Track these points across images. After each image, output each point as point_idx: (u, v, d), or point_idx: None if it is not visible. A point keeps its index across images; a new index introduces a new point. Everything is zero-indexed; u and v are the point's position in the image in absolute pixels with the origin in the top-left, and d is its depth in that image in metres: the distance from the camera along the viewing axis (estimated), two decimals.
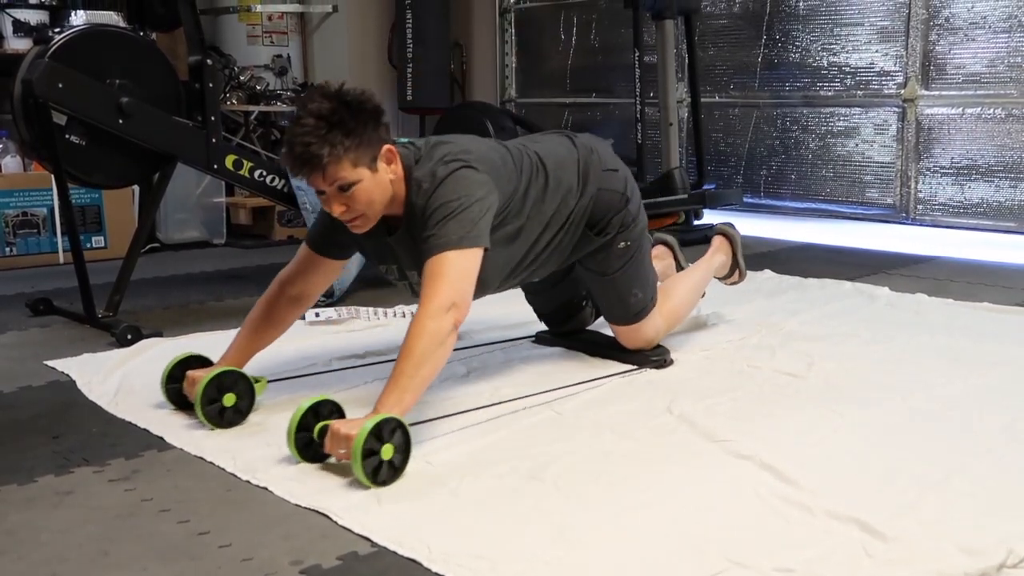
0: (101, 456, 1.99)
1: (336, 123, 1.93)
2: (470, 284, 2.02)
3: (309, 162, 1.95)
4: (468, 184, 2.05)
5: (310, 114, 1.94)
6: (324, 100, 1.95)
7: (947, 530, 1.56)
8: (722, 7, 5.59)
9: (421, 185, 2.06)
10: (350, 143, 1.95)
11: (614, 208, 2.41)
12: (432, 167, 2.07)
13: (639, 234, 2.49)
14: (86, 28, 3.24)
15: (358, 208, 2.03)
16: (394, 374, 1.89)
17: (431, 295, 1.95)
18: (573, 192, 2.34)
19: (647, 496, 1.74)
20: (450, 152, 2.10)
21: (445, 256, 1.98)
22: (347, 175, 1.98)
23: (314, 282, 2.29)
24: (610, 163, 2.46)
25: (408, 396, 1.89)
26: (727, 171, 5.66)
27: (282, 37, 5.84)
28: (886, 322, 3.04)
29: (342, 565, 1.52)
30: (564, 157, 2.36)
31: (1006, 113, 4.60)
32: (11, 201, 4.30)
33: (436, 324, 1.92)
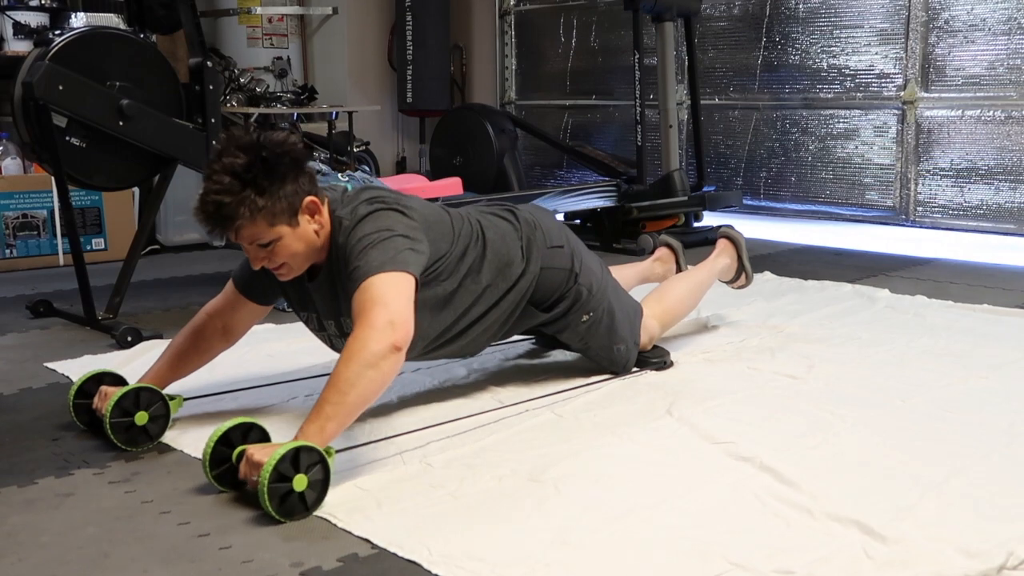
0: (101, 458, 1.99)
1: (250, 181, 1.83)
2: (407, 303, 1.86)
3: (221, 223, 1.86)
4: (391, 221, 1.95)
5: (224, 170, 1.84)
6: (239, 153, 1.84)
7: (947, 532, 1.56)
8: (722, 9, 5.60)
9: (342, 222, 1.96)
10: (264, 202, 1.85)
11: (561, 285, 2.31)
12: (354, 207, 1.98)
13: (599, 301, 2.37)
14: (86, 30, 3.24)
15: (279, 260, 1.95)
16: (322, 398, 1.74)
17: (364, 319, 1.80)
18: (515, 265, 2.23)
19: (647, 498, 1.74)
20: (377, 196, 2.01)
21: (371, 282, 1.84)
22: (263, 234, 1.89)
23: (239, 320, 2.19)
24: (555, 239, 2.33)
25: (331, 425, 1.73)
26: (727, 173, 5.66)
27: (282, 39, 5.85)
28: (886, 324, 3.04)
29: (342, 567, 1.52)
30: (505, 231, 2.25)
31: (1006, 115, 4.60)
32: (11, 203, 4.30)
33: (367, 347, 1.76)
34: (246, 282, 2.16)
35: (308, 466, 1.67)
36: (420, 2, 6.16)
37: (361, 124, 5.97)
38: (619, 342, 2.46)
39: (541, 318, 2.34)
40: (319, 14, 6.20)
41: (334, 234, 1.98)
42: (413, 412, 2.22)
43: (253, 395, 2.37)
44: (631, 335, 2.49)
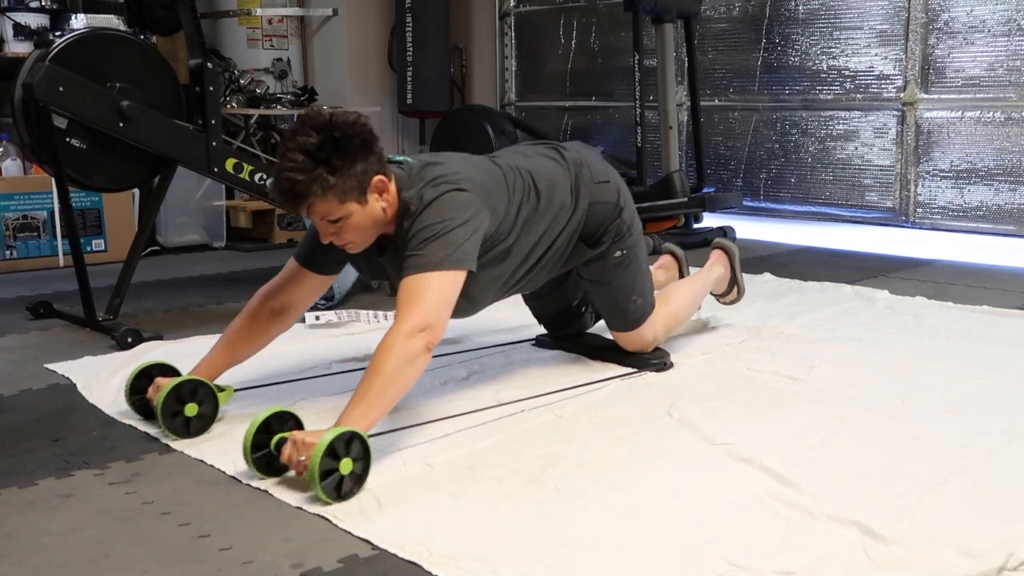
0: (102, 459, 1.99)
1: (323, 160, 1.90)
2: (448, 307, 1.98)
3: (295, 199, 1.93)
4: (454, 207, 2.02)
5: (297, 148, 1.90)
6: (312, 133, 1.91)
7: (947, 533, 1.56)
8: (722, 11, 5.60)
9: (408, 207, 2.04)
10: (336, 180, 1.92)
11: (608, 219, 2.40)
12: (420, 189, 2.04)
13: (634, 242, 2.47)
14: (86, 32, 3.24)
15: (347, 237, 2.03)
16: (361, 388, 1.83)
17: (406, 315, 1.91)
18: (566, 209, 2.33)
19: (647, 499, 1.74)
20: (440, 175, 2.07)
21: (425, 276, 1.95)
22: (334, 211, 1.96)
23: (299, 296, 2.23)
24: (601, 175, 2.43)
25: (374, 412, 1.83)
26: (727, 174, 5.66)
27: (282, 40, 5.85)
28: (886, 325, 3.04)
29: (343, 568, 1.52)
30: (556, 175, 2.33)
31: (1005, 116, 4.60)
32: (11, 204, 4.30)
33: (407, 344, 1.87)
34: (309, 255, 2.21)
35: (353, 451, 1.75)
36: (420, 3, 6.16)
37: None
38: (638, 294, 2.51)
39: (588, 254, 2.43)
40: (319, 15, 6.20)
41: (401, 215, 2.05)
42: (414, 412, 2.22)
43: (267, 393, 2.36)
44: (648, 296, 2.54)
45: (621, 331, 2.56)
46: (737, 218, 5.22)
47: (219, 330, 3.02)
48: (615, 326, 2.57)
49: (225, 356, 2.21)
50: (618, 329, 2.57)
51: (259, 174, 3.49)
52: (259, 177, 3.48)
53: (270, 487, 1.82)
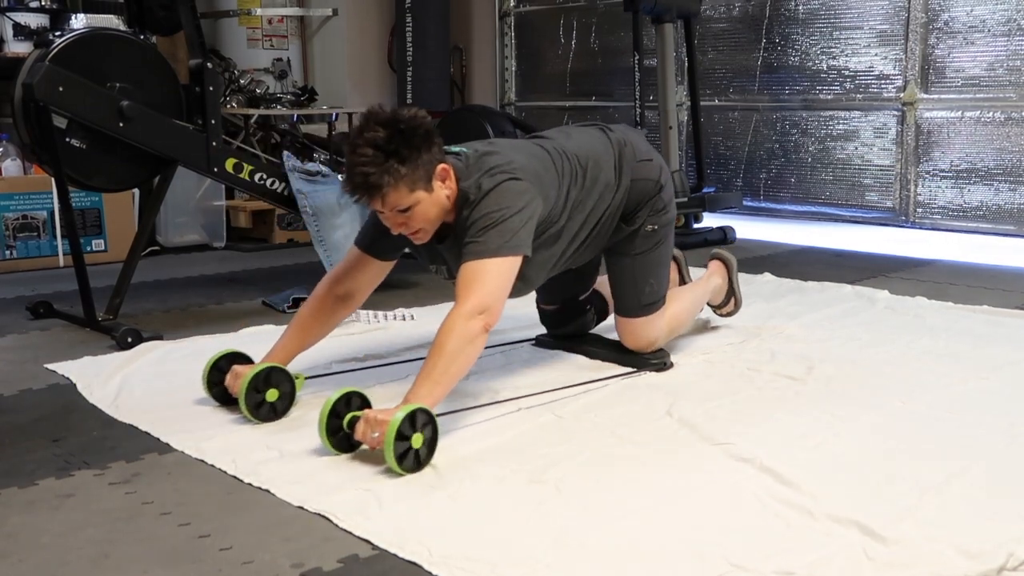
0: (102, 459, 1.99)
1: (392, 152, 2.00)
2: (504, 291, 2.09)
3: (369, 191, 2.03)
4: (510, 195, 2.12)
5: (366, 143, 2.01)
6: (379, 128, 2.01)
7: (947, 533, 1.56)
8: (721, 11, 5.60)
9: (468, 196, 2.13)
10: (406, 170, 2.02)
11: (648, 195, 2.50)
12: (478, 179, 2.14)
13: (666, 223, 2.55)
14: (86, 32, 3.24)
15: (415, 226, 2.12)
16: (426, 368, 1.96)
17: (465, 297, 2.02)
18: (610, 187, 2.43)
19: (647, 499, 1.74)
20: (496, 164, 2.17)
21: (483, 263, 2.06)
22: (405, 200, 2.05)
23: (362, 281, 2.34)
24: (644, 154, 2.54)
25: (439, 389, 1.96)
26: (727, 174, 5.66)
27: (282, 41, 5.85)
28: (886, 325, 3.04)
29: (343, 568, 1.52)
30: (600, 154, 2.44)
31: (1005, 116, 4.60)
32: (11, 204, 4.30)
33: (467, 325, 1.99)
34: (371, 242, 2.32)
35: (423, 425, 1.87)
36: (420, 3, 6.17)
37: None
38: (655, 277, 2.56)
39: (625, 231, 2.51)
40: (319, 15, 6.21)
41: (460, 204, 2.15)
42: None
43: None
44: (662, 288, 2.59)
45: (628, 315, 2.57)
46: (737, 218, 5.22)
47: (219, 330, 3.05)
48: (624, 308, 2.58)
49: (296, 342, 2.31)
50: (626, 313, 2.57)
51: (259, 174, 3.49)
52: (259, 177, 3.48)
53: (271, 486, 1.82)
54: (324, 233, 3.50)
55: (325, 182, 3.61)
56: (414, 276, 3.92)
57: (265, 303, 3.50)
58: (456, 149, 2.23)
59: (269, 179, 3.51)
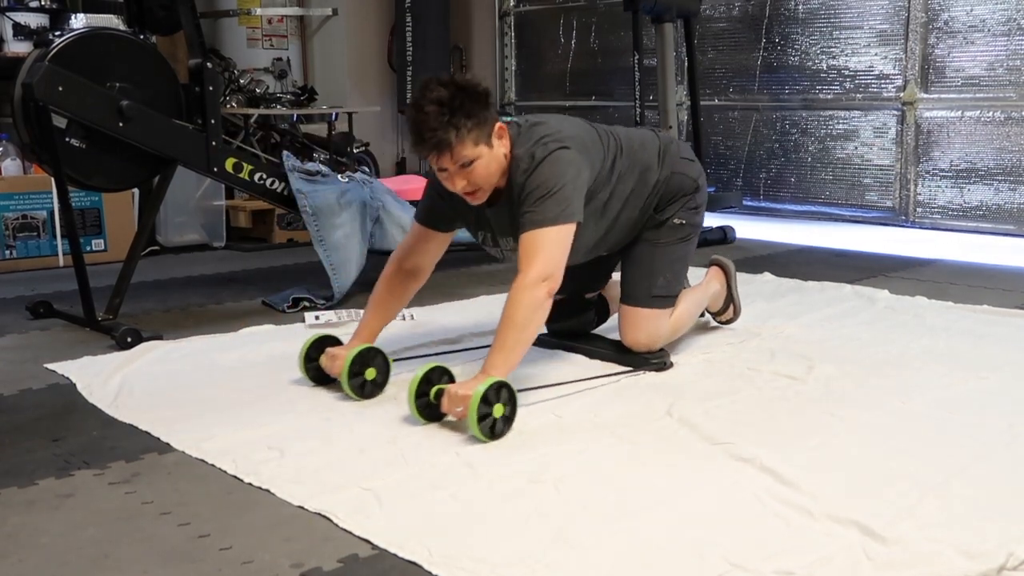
0: (102, 459, 1.99)
1: (457, 108, 2.12)
2: (563, 256, 2.23)
3: (438, 146, 2.14)
4: (563, 165, 2.24)
5: (431, 102, 2.12)
6: (441, 88, 2.14)
7: (947, 533, 1.56)
8: (721, 11, 5.60)
9: (520, 164, 2.25)
10: (472, 124, 2.14)
11: (684, 190, 2.60)
12: (531, 148, 2.25)
13: (694, 223, 2.64)
14: (86, 31, 3.24)
15: (477, 182, 2.22)
16: (499, 339, 2.13)
17: (528, 267, 2.17)
18: (652, 170, 2.53)
19: (647, 499, 1.74)
20: (547, 134, 2.28)
21: (542, 232, 2.20)
22: (469, 153, 2.17)
23: (427, 254, 2.48)
24: (688, 154, 2.69)
25: (513, 356, 2.14)
26: (727, 174, 5.66)
27: (282, 40, 5.85)
28: (886, 325, 3.04)
29: (343, 568, 1.52)
30: (646, 139, 2.58)
31: (1005, 116, 4.61)
32: (11, 204, 4.30)
33: (533, 293, 2.14)
34: (429, 217, 2.47)
35: (503, 397, 2.05)
36: (420, 3, 6.17)
37: (361, 125, 5.98)
38: (671, 272, 2.60)
39: (656, 219, 2.60)
40: (319, 15, 6.21)
41: (513, 170, 2.27)
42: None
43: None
44: (675, 286, 2.64)
45: (636, 304, 2.58)
46: (737, 217, 5.22)
47: (219, 330, 3.05)
48: (633, 296, 2.59)
49: (377, 320, 2.47)
50: (634, 301, 2.58)
51: (258, 174, 3.49)
52: (258, 177, 3.48)
53: (271, 486, 1.82)
54: (324, 233, 3.50)
55: (325, 182, 3.61)
56: None
57: (265, 303, 3.50)
58: (507, 119, 2.34)
59: (269, 179, 3.51)
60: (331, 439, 2.06)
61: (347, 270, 3.50)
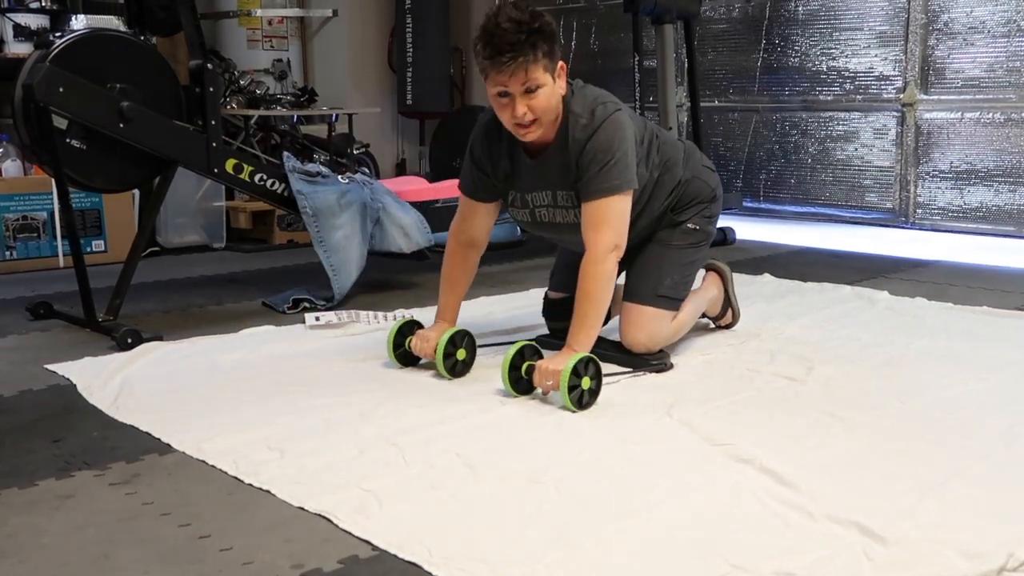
0: (102, 459, 1.99)
1: (535, 30, 2.19)
2: (626, 223, 2.34)
3: (515, 59, 2.18)
4: (624, 129, 2.33)
5: (511, 20, 2.18)
6: (519, 11, 2.20)
7: (947, 534, 1.56)
8: (721, 12, 5.60)
9: (579, 120, 2.32)
10: (546, 49, 2.21)
11: (702, 197, 2.66)
12: (590, 104, 2.33)
13: (707, 232, 2.69)
14: (86, 32, 3.24)
15: (536, 111, 2.26)
16: (579, 314, 2.28)
17: (597, 240, 2.29)
18: (677, 166, 2.59)
19: (647, 499, 1.74)
20: (602, 95, 2.39)
21: (607, 201, 2.30)
22: (538, 78, 2.23)
23: (478, 225, 2.57)
24: (709, 164, 2.76)
25: (594, 331, 2.29)
26: (727, 175, 5.67)
27: (282, 41, 5.85)
28: (885, 326, 3.04)
29: (343, 569, 1.52)
30: (672, 139, 2.66)
31: (1005, 117, 4.61)
32: (11, 205, 4.30)
33: (604, 267, 2.28)
34: (472, 189, 2.55)
35: (590, 370, 2.22)
36: (420, 4, 6.17)
37: (361, 126, 5.98)
38: (678, 275, 2.63)
39: (671, 220, 2.64)
40: (319, 16, 6.21)
41: (568, 124, 2.34)
42: (414, 413, 2.22)
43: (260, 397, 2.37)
44: (682, 290, 2.67)
45: (640, 301, 2.58)
46: (737, 219, 5.22)
47: (219, 331, 3.05)
48: (638, 293, 2.60)
49: (454, 297, 2.60)
50: (638, 298, 2.59)
51: (259, 175, 3.49)
52: (259, 178, 3.49)
53: (272, 487, 1.82)
54: (324, 234, 3.50)
55: (325, 183, 3.61)
56: (414, 277, 3.93)
57: (265, 304, 3.50)
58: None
59: (269, 180, 3.51)
60: (331, 440, 2.06)
61: (347, 271, 3.50)
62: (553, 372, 2.19)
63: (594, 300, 2.28)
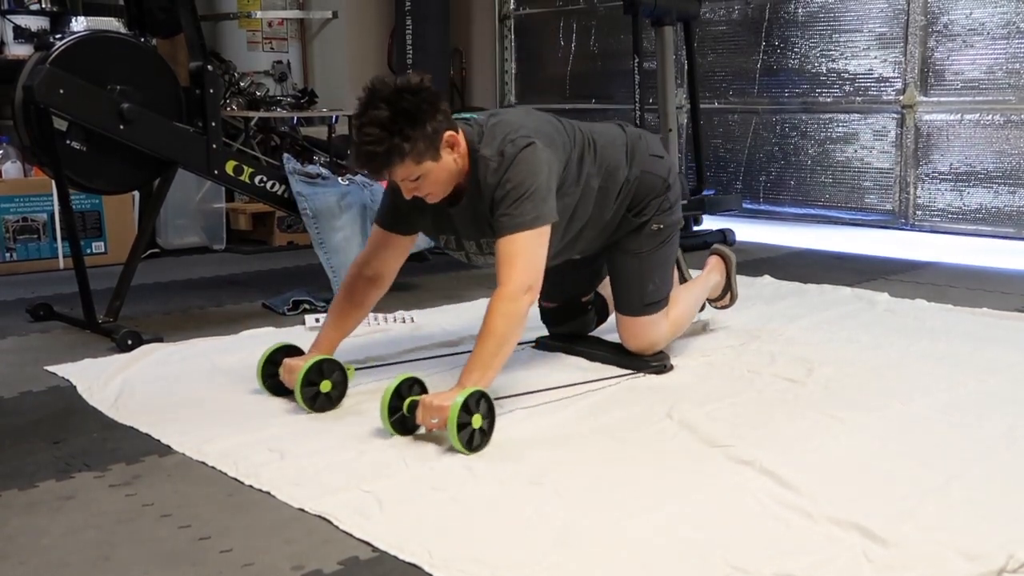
0: (102, 461, 1.99)
1: (396, 131, 2.05)
2: (542, 261, 2.18)
3: (378, 169, 2.11)
4: (535, 162, 2.18)
5: (371, 123, 2.05)
6: (382, 106, 2.06)
7: (947, 535, 1.56)
8: (721, 14, 5.61)
9: (489, 164, 2.18)
10: (410, 146, 2.07)
11: (655, 191, 2.53)
12: (498, 145, 2.19)
13: (672, 224, 2.59)
14: (87, 34, 3.24)
15: (426, 189, 2.18)
16: (477, 352, 2.06)
17: (508, 277, 2.11)
18: (621, 170, 2.46)
19: (647, 501, 1.74)
20: (512, 130, 2.22)
21: (520, 236, 2.14)
22: (412, 172, 2.12)
23: (388, 260, 2.41)
24: (656, 150, 2.60)
25: (491, 373, 2.07)
26: (726, 177, 5.67)
27: (282, 43, 5.85)
28: (885, 328, 3.04)
29: (343, 570, 1.52)
30: (613, 136, 2.50)
31: (1004, 119, 4.61)
32: (11, 206, 4.30)
33: (514, 306, 2.08)
34: (389, 219, 2.39)
35: (479, 405, 1.98)
36: (420, 6, 6.17)
37: None
38: (658, 277, 2.57)
39: (631, 223, 2.54)
40: (319, 18, 6.21)
41: (477, 169, 2.20)
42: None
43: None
44: (665, 288, 2.60)
45: (630, 314, 2.57)
46: (737, 220, 5.22)
47: (219, 332, 3.05)
48: (626, 307, 2.58)
49: (337, 331, 2.39)
50: (628, 311, 2.58)
51: (259, 176, 3.49)
52: (259, 179, 3.48)
53: (272, 489, 1.82)
54: (324, 235, 3.50)
55: (325, 184, 3.61)
56: (414, 279, 3.92)
57: (265, 305, 3.50)
58: (466, 116, 2.31)
59: (269, 181, 3.51)
60: (331, 442, 2.06)
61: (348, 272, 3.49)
62: (439, 408, 1.96)
63: (499, 339, 2.06)
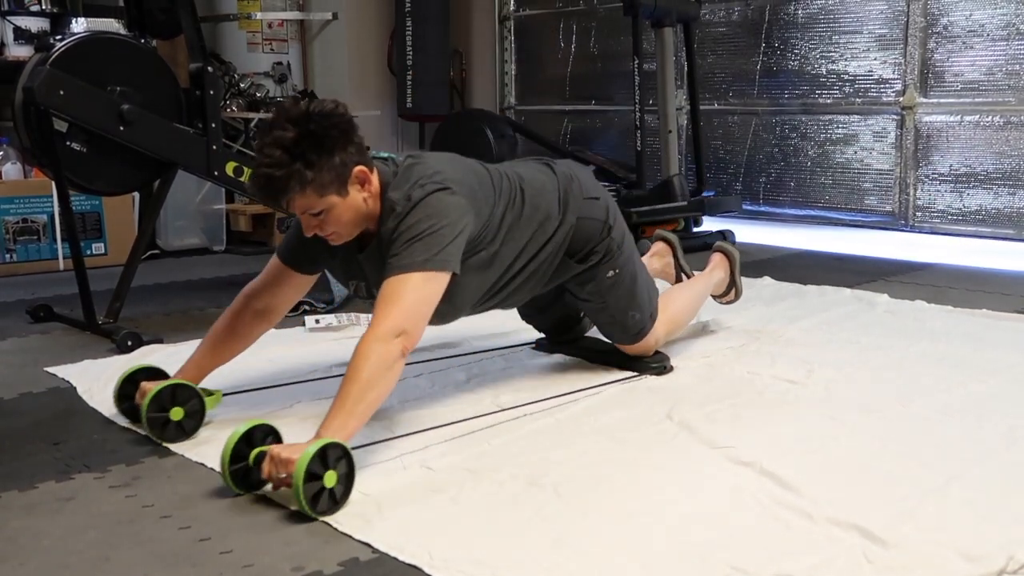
0: (102, 462, 1.99)
1: (299, 155, 1.87)
2: (427, 309, 1.94)
3: (274, 195, 1.91)
4: (441, 207, 1.98)
5: (274, 143, 1.87)
6: (288, 126, 1.88)
7: (948, 536, 1.56)
8: (721, 15, 5.61)
9: (394, 208, 1.99)
10: (314, 175, 1.88)
11: (595, 237, 2.36)
12: (407, 190, 2.00)
13: (625, 260, 2.43)
14: (87, 35, 3.24)
15: (330, 228, 2.00)
16: (339, 397, 1.80)
17: (383, 317, 1.87)
18: (552, 219, 2.28)
19: (647, 503, 1.74)
20: (425, 175, 2.02)
21: (407, 278, 1.91)
22: (314, 204, 1.93)
23: (282, 296, 2.21)
24: (591, 191, 2.40)
25: (353, 422, 1.79)
26: (726, 178, 5.67)
27: (282, 44, 5.85)
28: (885, 329, 3.04)
29: (343, 571, 1.52)
30: (543, 184, 2.30)
31: (1004, 120, 4.61)
32: (11, 208, 4.30)
33: (383, 347, 1.83)
34: (292, 253, 2.18)
35: (336, 461, 1.71)
36: (420, 7, 6.17)
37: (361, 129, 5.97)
38: (635, 309, 2.48)
39: (576, 269, 2.39)
40: (319, 19, 6.21)
41: (386, 214, 2.01)
42: (414, 416, 2.22)
43: (257, 397, 2.37)
44: (648, 306, 2.52)
45: (624, 344, 2.56)
46: (736, 222, 5.22)
47: None
48: (617, 340, 2.57)
49: (210, 358, 2.20)
50: (620, 343, 2.57)
51: None
52: None
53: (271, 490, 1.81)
54: None
55: None
56: None
57: None
58: (385, 155, 2.12)
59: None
60: None
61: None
62: (286, 462, 1.69)
63: (363, 384, 1.79)
